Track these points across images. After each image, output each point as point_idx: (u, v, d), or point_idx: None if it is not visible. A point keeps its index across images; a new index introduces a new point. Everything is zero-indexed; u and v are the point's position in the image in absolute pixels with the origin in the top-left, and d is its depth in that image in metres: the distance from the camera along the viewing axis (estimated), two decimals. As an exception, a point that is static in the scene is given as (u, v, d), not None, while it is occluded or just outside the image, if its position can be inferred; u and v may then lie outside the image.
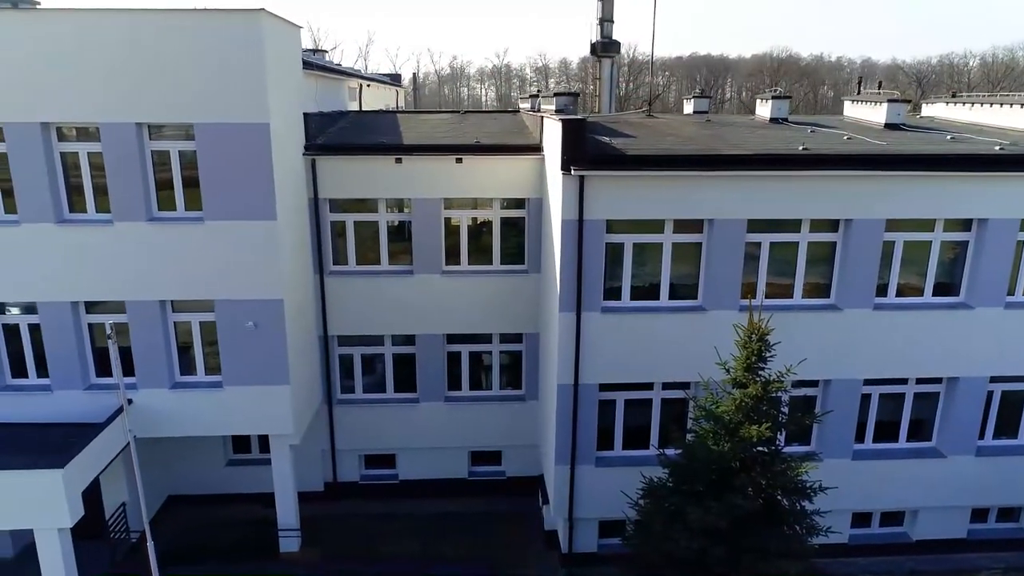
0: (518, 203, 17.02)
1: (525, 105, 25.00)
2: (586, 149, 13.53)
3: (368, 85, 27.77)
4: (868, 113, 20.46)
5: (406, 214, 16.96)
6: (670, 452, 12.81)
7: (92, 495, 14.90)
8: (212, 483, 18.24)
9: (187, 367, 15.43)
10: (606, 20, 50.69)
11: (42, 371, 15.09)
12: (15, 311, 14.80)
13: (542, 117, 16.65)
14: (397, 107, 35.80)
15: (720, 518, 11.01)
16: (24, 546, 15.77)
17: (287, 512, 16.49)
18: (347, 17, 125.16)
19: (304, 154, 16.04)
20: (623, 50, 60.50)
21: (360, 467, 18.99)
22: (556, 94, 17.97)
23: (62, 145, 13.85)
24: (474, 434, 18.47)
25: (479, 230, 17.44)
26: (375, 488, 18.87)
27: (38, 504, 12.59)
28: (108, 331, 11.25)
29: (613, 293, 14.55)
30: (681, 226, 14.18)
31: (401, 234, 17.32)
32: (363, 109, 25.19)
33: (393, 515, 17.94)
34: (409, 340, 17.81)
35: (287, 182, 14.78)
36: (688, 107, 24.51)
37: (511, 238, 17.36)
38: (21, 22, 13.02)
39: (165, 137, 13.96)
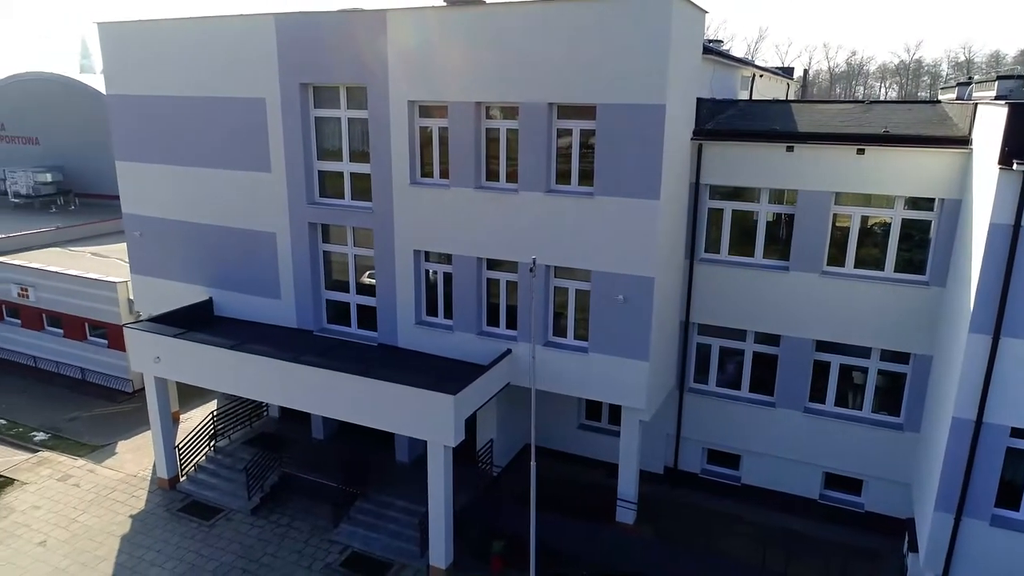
0: (926, 203, 14.86)
1: (948, 96, 21.64)
2: (1037, 140, 11.10)
3: (761, 75, 26.79)
4: None
5: (789, 206, 16.02)
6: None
7: (469, 427, 17.19)
8: (563, 441, 19.70)
9: (558, 330, 16.81)
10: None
11: (447, 313, 17.82)
12: (433, 257, 17.68)
13: (975, 104, 14.15)
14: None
15: None
16: (417, 456, 18.99)
17: (628, 484, 17.01)
18: (740, 10, 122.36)
19: (692, 139, 16.14)
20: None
21: (702, 460, 18.69)
22: (999, 77, 15.17)
23: (488, 122, 16.04)
24: (832, 454, 16.81)
25: (871, 230, 15.66)
26: (714, 484, 18.41)
27: (432, 421, 14.98)
28: (531, 267, 13.39)
29: (1049, 320, 11.80)
30: None
31: (778, 227, 16.42)
32: (754, 99, 24.40)
33: (732, 516, 17.28)
34: (773, 339, 16.88)
35: (673, 164, 15.03)
36: None
37: (910, 243, 15.26)
38: (465, 16, 15.31)
39: (568, 116, 15.23)
